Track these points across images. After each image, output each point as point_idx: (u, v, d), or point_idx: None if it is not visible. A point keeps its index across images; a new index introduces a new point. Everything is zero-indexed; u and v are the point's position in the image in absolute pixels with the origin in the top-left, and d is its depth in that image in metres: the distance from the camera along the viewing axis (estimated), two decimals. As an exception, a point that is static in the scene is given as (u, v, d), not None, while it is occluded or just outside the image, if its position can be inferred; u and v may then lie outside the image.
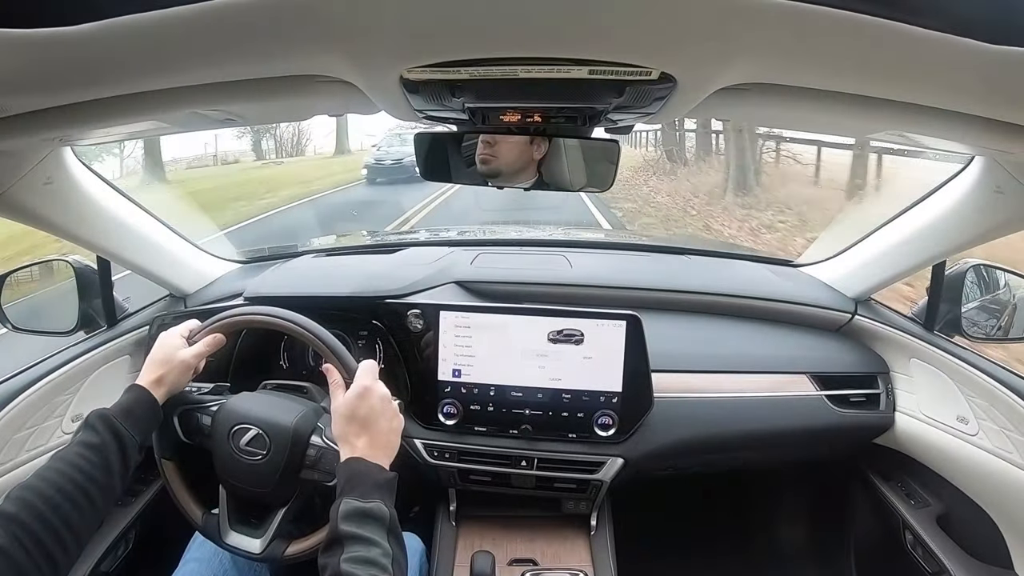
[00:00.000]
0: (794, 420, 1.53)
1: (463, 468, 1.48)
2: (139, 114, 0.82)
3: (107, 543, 1.39)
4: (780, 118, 0.98)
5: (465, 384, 1.45)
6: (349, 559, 0.79)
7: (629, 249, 2.17)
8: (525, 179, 1.10)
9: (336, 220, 11.39)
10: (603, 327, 1.39)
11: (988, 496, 1.39)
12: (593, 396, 1.41)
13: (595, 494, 1.48)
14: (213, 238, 2.35)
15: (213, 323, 1.14)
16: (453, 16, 0.53)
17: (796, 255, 1.99)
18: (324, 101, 0.87)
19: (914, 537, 1.52)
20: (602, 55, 0.60)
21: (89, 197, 1.29)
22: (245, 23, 0.54)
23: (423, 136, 1.10)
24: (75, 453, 0.89)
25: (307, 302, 1.51)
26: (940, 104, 0.71)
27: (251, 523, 1.13)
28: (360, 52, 0.63)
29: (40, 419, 1.34)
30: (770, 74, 0.67)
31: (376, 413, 0.98)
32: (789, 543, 2.07)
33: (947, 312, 1.47)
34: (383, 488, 0.90)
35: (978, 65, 0.54)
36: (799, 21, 0.50)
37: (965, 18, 0.48)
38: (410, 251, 1.92)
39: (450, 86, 0.73)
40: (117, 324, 1.57)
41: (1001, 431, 1.30)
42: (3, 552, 0.74)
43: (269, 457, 1.06)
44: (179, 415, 1.13)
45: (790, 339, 1.65)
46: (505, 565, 1.44)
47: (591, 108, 0.85)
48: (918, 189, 1.35)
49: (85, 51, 0.56)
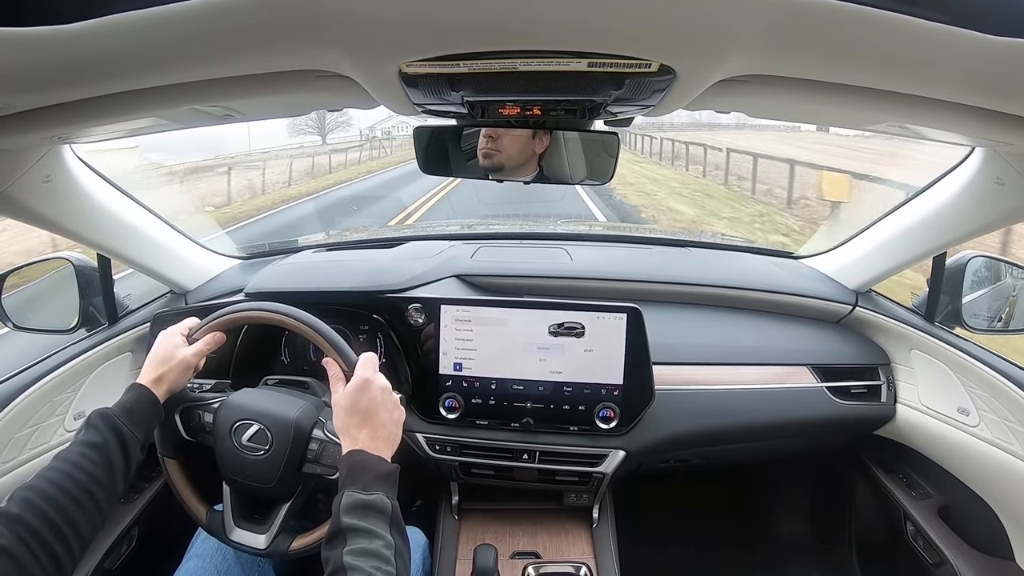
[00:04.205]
0: (795, 412, 1.53)
1: (465, 461, 1.48)
2: (138, 111, 0.82)
3: (110, 541, 1.40)
4: (780, 110, 0.97)
5: (466, 378, 1.45)
6: (352, 551, 0.79)
7: (629, 242, 2.17)
8: (526, 173, 1.10)
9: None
10: (604, 320, 1.39)
11: (989, 487, 1.39)
12: (594, 389, 1.41)
13: (597, 487, 1.48)
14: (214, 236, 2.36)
15: (213, 319, 1.14)
16: (451, 9, 0.53)
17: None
18: (323, 96, 0.87)
19: (915, 528, 1.53)
20: (601, 48, 0.60)
21: (89, 195, 1.29)
22: (242, 19, 0.54)
23: (423, 130, 1.10)
24: (77, 453, 0.89)
25: (308, 297, 1.51)
26: (941, 96, 0.71)
27: (255, 519, 1.14)
28: (358, 46, 0.62)
29: (42, 417, 1.34)
30: (770, 66, 0.67)
31: (377, 405, 0.98)
32: (790, 535, 2.07)
33: (948, 303, 1.48)
34: (385, 480, 0.90)
35: (979, 57, 0.54)
36: (798, 13, 0.50)
37: (965, 10, 0.48)
38: (410, 245, 1.92)
39: (449, 80, 0.73)
40: (118, 322, 1.57)
41: (1002, 422, 1.30)
42: (8, 553, 0.74)
43: (271, 452, 1.06)
44: (180, 413, 1.13)
45: (791, 331, 1.65)
46: (507, 558, 1.45)
47: (590, 101, 0.84)
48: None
49: (83, 49, 0.56)
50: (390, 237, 2.12)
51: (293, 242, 2.14)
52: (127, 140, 1.25)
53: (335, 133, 43.00)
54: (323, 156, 24.95)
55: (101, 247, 1.43)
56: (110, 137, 1.11)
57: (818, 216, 10.35)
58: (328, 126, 41.35)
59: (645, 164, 20.79)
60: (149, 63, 0.65)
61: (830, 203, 9.84)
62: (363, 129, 43.47)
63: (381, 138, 37.37)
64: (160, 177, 14.33)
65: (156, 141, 13.34)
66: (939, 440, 1.47)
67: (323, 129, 41.49)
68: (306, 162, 23.20)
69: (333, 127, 42.25)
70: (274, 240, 2.40)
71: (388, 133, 40.65)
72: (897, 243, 1.48)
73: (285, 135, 35.83)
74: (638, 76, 0.68)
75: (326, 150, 27.72)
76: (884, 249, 1.54)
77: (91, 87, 0.73)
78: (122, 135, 1.11)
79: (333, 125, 41.77)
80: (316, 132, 41.46)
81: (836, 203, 9.53)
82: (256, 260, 1.93)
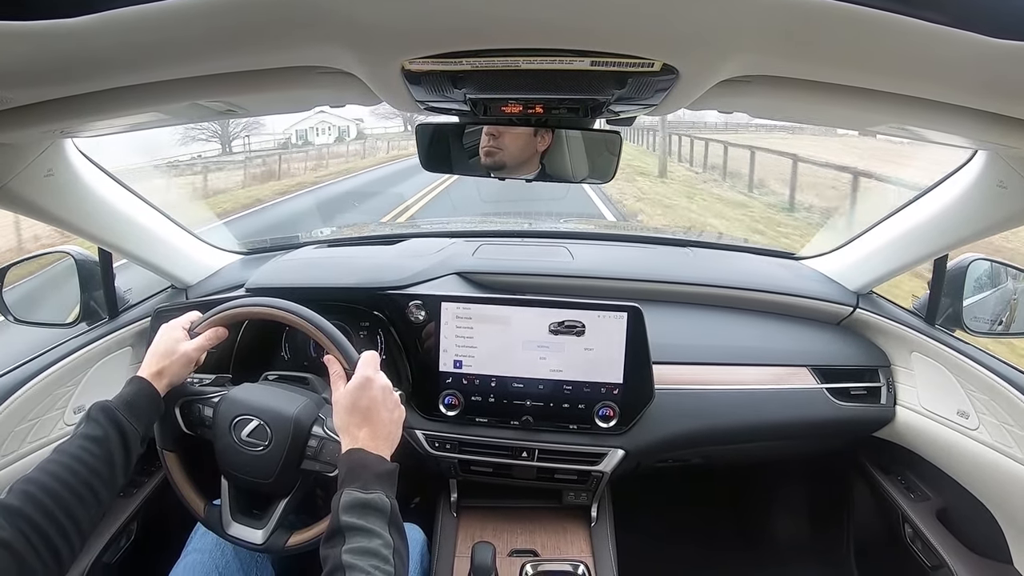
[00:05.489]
0: (795, 413, 1.53)
1: (464, 459, 1.48)
2: (139, 106, 0.82)
3: (109, 534, 1.40)
4: (782, 110, 0.97)
5: (466, 375, 1.45)
6: (351, 550, 0.79)
7: (631, 241, 2.17)
8: (528, 171, 1.10)
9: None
10: (604, 319, 1.39)
11: (988, 490, 1.39)
12: (594, 387, 1.42)
13: (596, 485, 1.49)
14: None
15: (214, 314, 1.14)
16: (454, 7, 0.53)
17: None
18: (326, 92, 0.87)
19: (913, 530, 1.53)
20: (604, 47, 0.60)
21: (90, 189, 1.29)
22: (245, 15, 0.54)
23: (425, 127, 1.10)
24: (77, 446, 0.89)
25: (308, 293, 1.51)
26: (943, 98, 0.71)
27: (253, 514, 1.14)
28: (361, 44, 0.62)
29: (42, 411, 1.34)
30: (772, 66, 0.67)
31: (377, 404, 0.98)
32: (789, 535, 2.07)
33: (948, 306, 1.48)
34: (384, 479, 0.90)
35: (981, 59, 0.54)
36: (801, 14, 0.50)
37: (968, 12, 0.48)
38: (411, 242, 1.92)
39: (452, 77, 0.73)
40: (119, 316, 1.57)
41: (1001, 425, 1.30)
42: (7, 545, 0.75)
43: (271, 448, 1.06)
44: (180, 407, 1.13)
45: (791, 332, 1.65)
46: (506, 556, 1.45)
47: (593, 99, 0.84)
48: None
49: (85, 43, 0.56)
50: (391, 234, 2.12)
51: (295, 238, 2.14)
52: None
53: (244, 139, 29.60)
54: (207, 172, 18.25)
55: (102, 241, 1.43)
56: (112, 132, 1.11)
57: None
58: (234, 131, 28.07)
59: (704, 193, 13.55)
60: (151, 58, 0.65)
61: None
62: (285, 132, 33.43)
63: (297, 144, 31.35)
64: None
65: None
66: (938, 443, 1.47)
67: (226, 136, 28.11)
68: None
69: (240, 132, 28.55)
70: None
71: (303, 136, 34.30)
72: (898, 245, 1.47)
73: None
74: (641, 75, 0.68)
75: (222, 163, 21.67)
76: (885, 251, 1.53)
77: (93, 82, 0.73)
78: (124, 130, 1.11)
79: (240, 129, 28.15)
80: (216, 139, 28.31)
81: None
82: (257, 255, 1.93)
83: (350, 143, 33.35)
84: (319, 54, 0.67)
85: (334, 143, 33.31)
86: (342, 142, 34.03)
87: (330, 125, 35.78)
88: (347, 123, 36.57)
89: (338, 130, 36.27)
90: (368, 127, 38.70)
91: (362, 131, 37.34)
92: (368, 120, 38.71)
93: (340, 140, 35.09)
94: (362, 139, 34.81)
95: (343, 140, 35.17)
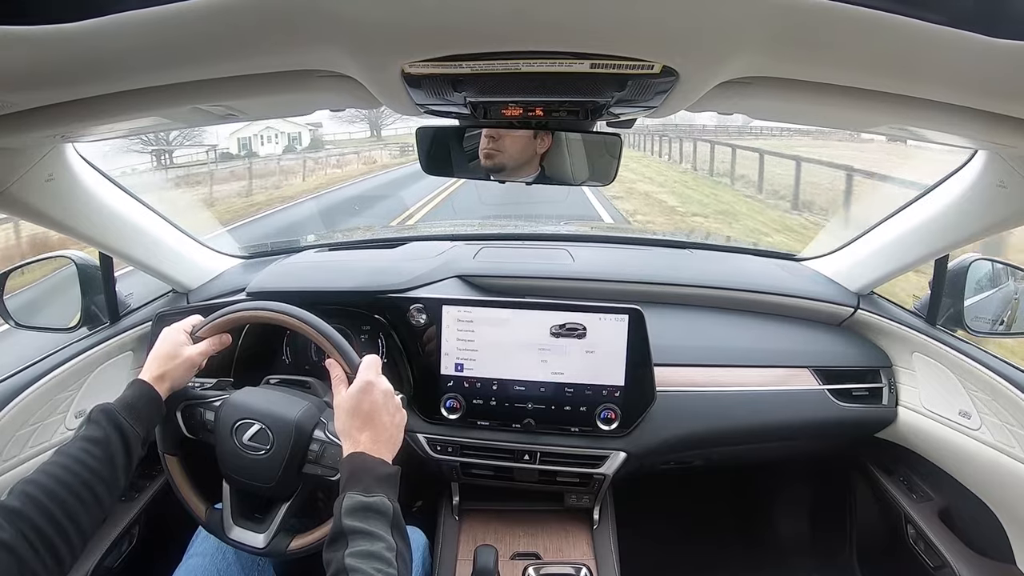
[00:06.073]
0: (796, 414, 1.53)
1: (466, 462, 1.48)
2: (140, 110, 0.82)
3: (111, 538, 1.40)
4: (782, 112, 0.97)
5: (468, 378, 1.45)
6: (353, 554, 0.79)
7: (631, 243, 2.17)
8: (528, 173, 1.10)
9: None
10: (605, 321, 1.39)
11: (990, 490, 1.39)
12: (595, 390, 1.41)
13: (598, 488, 1.48)
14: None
15: (216, 318, 1.14)
16: (454, 10, 0.53)
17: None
18: (326, 96, 0.87)
19: (916, 531, 1.52)
20: (604, 49, 0.60)
21: (91, 193, 1.29)
22: (245, 19, 0.54)
23: (425, 130, 1.10)
24: (79, 448, 0.89)
25: (309, 297, 1.51)
26: (943, 98, 0.71)
27: (254, 518, 1.14)
28: (361, 47, 0.62)
29: (43, 415, 1.34)
30: (772, 68, 0.67)
31: (379, 408, 0.98)
32: (791, 536, 2.07)
33: (949, 306, 1.47)
34: (386, 482, 0.90)
35: (981, 59, 0.54)
36: (801, 15, 0.50)
37: (967, 12, 0.48)
38: (412, 245, 1.92)
39: (451, 80, 0.73)
40: (120, 320, 1.57)
41: (1003, 425, 1.30)
42: (8, 547, 0.74)
43: (272, 452, 1.06)
44: (182, 410, 1.13)
45: (793, 333, 1.65)
46: (508, 559, 1.45)
47: (593, 102, 0.84)
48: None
49: (86, 47, 0.56)
50: (392, 237, 2.12)
51: (295, 241, 2.14)
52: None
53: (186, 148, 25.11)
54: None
55: (103, 246, 1.43)
56: (112, 136, 1.11)
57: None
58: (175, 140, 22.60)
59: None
60: (151, 63, 0.65)
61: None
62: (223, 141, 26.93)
63: (240, 154, 25.68)
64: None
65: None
66: (940, 443, 1.46)
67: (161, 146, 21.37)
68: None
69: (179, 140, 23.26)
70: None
71: (247, 146, 28.03)
72: (899, 246, 1.47)
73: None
74: (641, 77, 0.68)
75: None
76: (886, 251, 1.53)
77: (93, 86, 0.73)
78: (124, 134, 1.11)
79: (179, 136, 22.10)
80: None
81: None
82: (258, 259, 1.93)
83: (303, 152, 27.69)
84: (319, 58, 0.67)
85: (283, 153, 27.89)
86: (293, 150, 28.89)
87: (277, 132, 30.28)
88: (298, 129, 31.19)
89: (288, 137, 30.99)
90: (328, 132, 34.48)
91: (318, 137, 32.47)
92: (328, 125, 33.74)
93: (290, 149, 29.54)
94: (315, 149, 29.29)
95: (293, 149, 29.70)
